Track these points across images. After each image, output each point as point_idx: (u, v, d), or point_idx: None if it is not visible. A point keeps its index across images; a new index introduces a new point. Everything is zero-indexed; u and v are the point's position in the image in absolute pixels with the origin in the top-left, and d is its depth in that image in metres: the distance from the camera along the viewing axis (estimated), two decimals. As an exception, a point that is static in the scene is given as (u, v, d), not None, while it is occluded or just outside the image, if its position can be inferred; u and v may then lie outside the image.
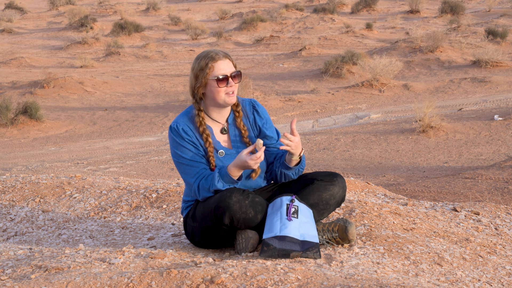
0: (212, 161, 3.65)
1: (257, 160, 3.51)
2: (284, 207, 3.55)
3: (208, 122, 3.72)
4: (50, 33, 33.71)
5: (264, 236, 3.48)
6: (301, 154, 3.68)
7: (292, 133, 3.61)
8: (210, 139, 3.65)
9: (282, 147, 3.60)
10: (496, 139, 11.85)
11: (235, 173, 3.57)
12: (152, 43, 28.89)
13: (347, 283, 3.02)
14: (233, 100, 3.64)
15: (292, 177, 3.75)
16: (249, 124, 3.78)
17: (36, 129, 15.58)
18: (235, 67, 3.69)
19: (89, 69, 23.64)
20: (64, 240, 4.39)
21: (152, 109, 17.34)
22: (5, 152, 13.44)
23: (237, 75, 3.65)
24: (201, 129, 3.65)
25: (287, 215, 3.52)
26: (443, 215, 4.55)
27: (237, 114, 3.74)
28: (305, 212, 3.59)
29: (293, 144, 3.59)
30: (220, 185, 3.58)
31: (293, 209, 3.55)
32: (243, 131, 3.73)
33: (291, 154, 3.65)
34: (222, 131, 3.73)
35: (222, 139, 3.73)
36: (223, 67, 3.62)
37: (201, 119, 3.66)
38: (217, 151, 3.68)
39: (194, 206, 3.73)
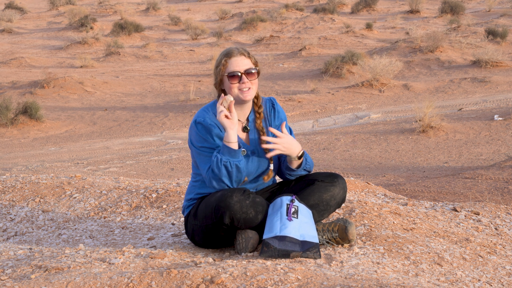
0: None
1: (220, 111, 3.51)
2: (284, 207, 3.55)
3: None
4: (50, 33, 33.70)
5: (264, 236, 3.48)
6: (299, 154, 3.68)
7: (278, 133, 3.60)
8: None
9: (265, 146, 3.60)
10: (496, 139, 11.85)
11: (227, 139, 3.53)
12: (152, 43, 28.88)
13: (347, 283, 3.02)
14: (247, 96, 3.64)
15: (300, 174, 3.75)
16: (266, 122, 3.78)
17: (36, 129, 15.58)
18: (254, 64, 3.67)
19: (89, 69, 23.63)
20: (64, 240, 4.39)
21: (152, 109, 17.33)
22: (5, 152, 13.44)
23: (251, 72, 3.64)
24: None
25: (287, 215, 3.52)
26: (443, 215, 4.55)
27: (257, 115, 3.75)
28: (305, 212, 3.60)
29: (279, 144, 3.59)
30: (223, 157, 3.54)
31: (293, 209, 3.55)
32: (261, 133, 3.74)
33: (287, 154, 3.65)
34: (244, 129, 3.74)
35: (242, 137, 3.73)
36: (237, 64, 3.62)
37: None
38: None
39: (197, 204, 3.73)
